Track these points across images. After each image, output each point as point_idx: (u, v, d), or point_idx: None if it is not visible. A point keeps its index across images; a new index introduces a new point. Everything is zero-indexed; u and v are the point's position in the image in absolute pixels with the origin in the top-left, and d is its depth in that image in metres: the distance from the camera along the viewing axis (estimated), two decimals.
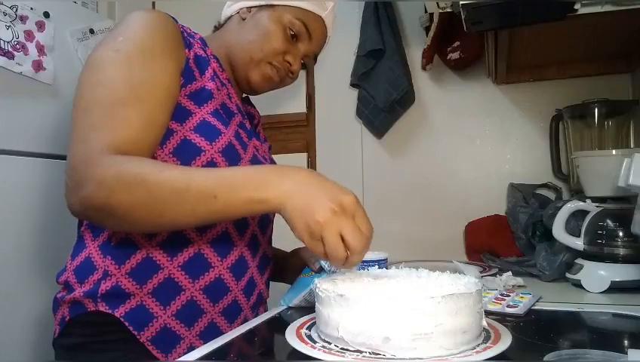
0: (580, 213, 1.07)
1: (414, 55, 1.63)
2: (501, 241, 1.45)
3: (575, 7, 0.87)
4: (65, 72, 1.35)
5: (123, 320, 0.73)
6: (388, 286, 0.59)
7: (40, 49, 1.28)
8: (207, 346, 0.64)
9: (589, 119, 1.37)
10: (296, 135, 1.77)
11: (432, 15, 1.47)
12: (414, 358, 0.52)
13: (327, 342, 0.58)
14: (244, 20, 0.90)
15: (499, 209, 1.55)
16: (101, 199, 0.65)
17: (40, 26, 1.28)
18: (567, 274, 1.04)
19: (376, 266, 0.96)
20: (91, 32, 1.45)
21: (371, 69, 1.60)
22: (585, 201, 1.07)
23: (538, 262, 1.14)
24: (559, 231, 1.08)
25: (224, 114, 0.82)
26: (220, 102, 0.82)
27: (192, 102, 0.78)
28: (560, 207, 1.10)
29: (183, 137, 0.76)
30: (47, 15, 1.30)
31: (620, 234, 0.99)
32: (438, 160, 1.64)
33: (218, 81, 0.84)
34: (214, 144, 0.77)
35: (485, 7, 0.88)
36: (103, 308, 0.73)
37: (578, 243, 1.04)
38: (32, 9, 1.26)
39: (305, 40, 0.90)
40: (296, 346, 0.58)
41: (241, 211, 0.66)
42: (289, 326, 0.66)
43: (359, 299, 0.54)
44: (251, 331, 0.73)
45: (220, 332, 0.76)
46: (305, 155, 1.75)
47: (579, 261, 1.04)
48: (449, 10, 1.36)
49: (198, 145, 0.76)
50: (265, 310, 0.90)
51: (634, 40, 1.22)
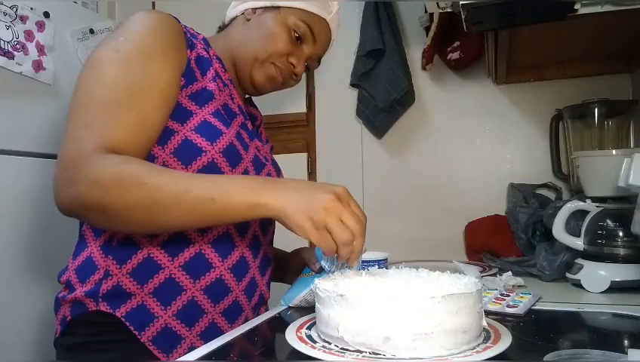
0: (580, 213, 1.07)
1: (414, 55, 1.63)
2: (501, 241, 1.45)
3: (575, 7, 0.87)
4: (65, 72, 1.35)
5: (124, 320, 0.73)
6: (388, 286, 0.59)
7: (40, 49, 1.28)
8: (208, 346, 0.64)
9: (589, 119, 1.37)
10: (297, 135, 1.77)
11: (432, 15, 1.47)
12: (414, 358, 0.52)
13: (327, 342, 0.58)
14: (248, 21, 0.91)
15: (499, 209, 1.55)
16: (95, 198, 0.65)
17: (40, 26, 1.29)
18: (567, 274, 1.05)
19: (376, 266, 0.96)
20: (91, 32, 1.45)
21: (371, 68, 1.60)
22: (585, 201, 1.07)
23: (538, 262, 1.14)
24: (559, 231, 1.08)
25: (226, 114, 0.82)
26: (222, 103, 0.82)
27: (193, 103, 0.78)
28: (560, 207, 1.10)
29: (183, 137, 0.76)
30: (47, 15, 1.30)
31: (620, 234, 0.99)
32: (438, 160, 1.64)
33: (220, 82, 0.84)
34: (215, 144, 0.77)
35: (485, 7, 0.88)
36: (104, 307, 0.73)
37: (578, 243, 1.05)
38: (32, 9, 1.26)
39: (309, 42, 0.90)
40: (296, 346, 0.58)
41: (240, 215, 0.66)
42: (289, 326, 0.66)
43: (359, 299, 0.54)
44: (251, 331, 0.73)
45: (221, 333, 0.76)
46: (305, 155, 1.75)
47: (579, 261, 1.04)
48: (449, 10, 1.36)
49: (199, 145, 0.76)
50: (266, 310, 0.90)
51: (634, 40, 1.22)
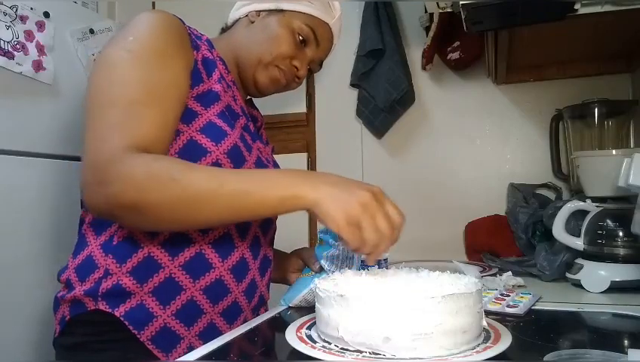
0: (580, 213, 1.07)
1: (414, 55, 1.63)
2: (501, 241, 1.44)
3: (575, 7, 0.87)
4: (65, 72, 1.35)
5: (123, 319, 0.73)
6: (388, 286, 0.59)
7: (40, 49, 1.28)
8: (207, 346, 0.64)
9: (589, 119, 1.37)
10: (297, 135, 1.77)
11: (432, 15, 1.47)
12: (414, 358, 0.52)
13: (327, 342, 0.58)
14: (252, 24, 0.91)
15: (499, 209, 1.54)
16: (130, 197, 0.65)
17: (40, 26, 1.28)
18: (567, 274, 1.05)
19: (376, 266, 0.96)
20: (91, 32, 1.45)
21: (371, 68, 1.60)
22: (585, 201, 1.07)
23: (538, 262, 1.14)
24: (559, 231, 1.08)
25: (229, 116, 0.82)
26: (226, 104, 0.82)
27: (199, 104, 0.78)
28: (560, 207, 1.10)
29: (189, 138, 0.77)
30: (47, 15, 1.30)
31: (620, 234, 0.99)
32: (438, 160, 1.64)
33: (224, 83, 0.84)
34: (220, 145, 0.77)
35: (485, 7, 0.88)
36: (103, 306, 0.73)
37: (578, 243, 1.05)
38: (32, 9, 1.26)
39: (312, 46, 0.91)
40: (297, 346, 0.58)
41: (275, 208, 0.67)
42: (289, 326, 0.66)
43: (359, 299, 0.54)
44: (251, 331, 0.73)
45: (220, 333, 0.76)
46: (305, 155, 1.75)
47: (579, 261, 1.04)
48: (449, 10, 1.36)
49: (204, 146, 0.76)
50: (266, 311, 0.90)
51: (634, 40, 1.22)
